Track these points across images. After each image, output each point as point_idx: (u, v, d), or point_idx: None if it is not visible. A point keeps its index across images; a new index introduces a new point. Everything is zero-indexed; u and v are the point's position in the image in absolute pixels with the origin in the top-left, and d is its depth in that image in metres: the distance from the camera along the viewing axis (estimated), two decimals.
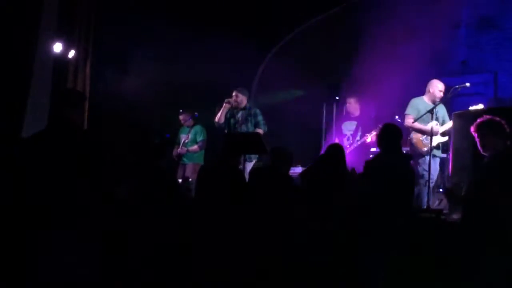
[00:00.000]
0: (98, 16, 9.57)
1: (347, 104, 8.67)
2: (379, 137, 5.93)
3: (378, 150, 8.55)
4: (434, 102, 7.65)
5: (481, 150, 4.93)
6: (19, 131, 7.81)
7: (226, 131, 8.25)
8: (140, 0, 9.99)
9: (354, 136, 8.37)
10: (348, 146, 8.32)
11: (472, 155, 5.45)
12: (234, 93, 8.29)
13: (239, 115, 8.24)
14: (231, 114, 8.29)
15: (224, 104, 8.23)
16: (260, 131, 8.14)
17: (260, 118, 8.24)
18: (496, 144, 4.83)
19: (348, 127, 8.49)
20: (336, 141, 8.53)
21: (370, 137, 8.16)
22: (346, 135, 8.48)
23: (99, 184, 4.13)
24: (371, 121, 8.40)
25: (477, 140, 4.96)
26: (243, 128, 8.14)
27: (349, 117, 8.63)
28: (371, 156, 8.26)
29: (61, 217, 3.84)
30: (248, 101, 8.37)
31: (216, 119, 8.26)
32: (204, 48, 10.34)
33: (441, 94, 7.68)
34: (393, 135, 5.72)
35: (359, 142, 8.27)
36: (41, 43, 8.55)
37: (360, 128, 8.31)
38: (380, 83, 10.41)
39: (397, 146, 5.73)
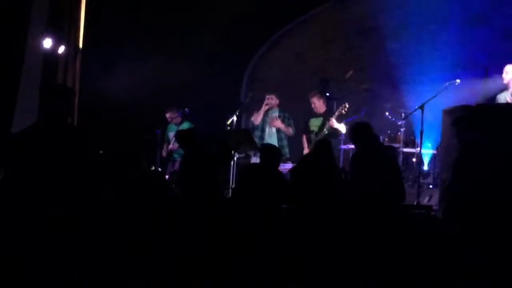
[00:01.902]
0: (88, 12, 9.51)
1: (311, 102, 8.70)
2: (351, 137, 6.05)
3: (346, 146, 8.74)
4: None
5: None
6: (8, 126, 7.77)
7: (256, 132, 8.73)
8: None
9: (320, 131, 8.43)
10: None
11: (462, 151, 5.48)
12: (268, 96, 8.79)
13: (273, 116, 8.77)
14: (265, 114, 8.77)
15: (263, 107, 8.72)
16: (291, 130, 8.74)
17: (291, 121, 8.81)
18: None
19: (315, 123, 8.56)
20: (304, 138, 8.61)
21: (334, 121, 8.23)
22: (313, 131, 8.54)
23: (87, 182, 4.11)
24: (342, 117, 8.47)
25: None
26: (273, 129, 8.70)
27: (314, 113, 8.67)
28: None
29: (50, 215, 3.82)
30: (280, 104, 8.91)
31: (253, 119, 8.79)
32: (195, 45, 10.32)
33: None
34: (362, 130, 5.80)
35: (323, 133, 8.31)
36: (31, 39, 8.49)
37: (327, 124, 8.37)
38: (370, 79, 10.45)
39: (372, 138, 5.80)
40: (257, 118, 8.70)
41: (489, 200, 5.11)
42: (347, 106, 8.30)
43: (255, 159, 8.19)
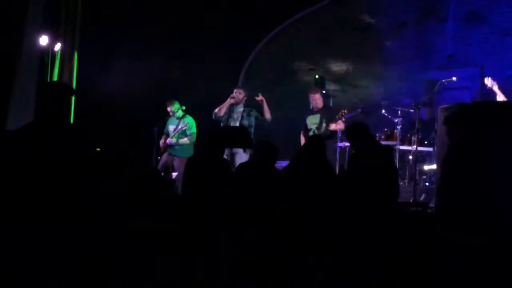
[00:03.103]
0: (85, 8, 9.51)
1: (310, 98, 8.61)
2: (347, 136, 6.04)
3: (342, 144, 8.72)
4: None
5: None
6: (3, 123, 7.76)
7: (222, 124, 8.41)
8: None
9: (318, 129, 8.38)
10: None
11: (458, 148, 5.49)
12: (237, 90, 8.50)
13: (239, 111, 8.44)
14: (230, 109, 8.45)
15: (228, 99, 8.41)
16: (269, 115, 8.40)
17: (257, 113, 8.48)
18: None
19: (313, 120, 8.48)
20: (302, 136, 8.54)
21: (334, 125, 8.20)
22: (311, 129, 8.47)
23: (87, 181, 4.10)
24: (336, 113, 8.42)
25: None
26: (237, 124, 8.31)
27: (312, 111, 8.61)
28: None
29: (49, 215, 3.81)
30: (247, 100, 8.56)
31: (217, 110, 8.42)
32: (191, 43, 10.32)
33: None
34: (359, 130, 5.80)
35: (326, 132, 8.28)
36: (27, 36, 8.49)
37: (323, 120, 8.32)
38: (367, 77, 10.46)
39: (368, 138, 5.81)
40: (221, 110, 8.38)
41: (480, 198, 5.12)
42: (346, 112, 8.20)
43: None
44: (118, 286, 4.25)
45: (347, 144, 8.75)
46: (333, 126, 8.19)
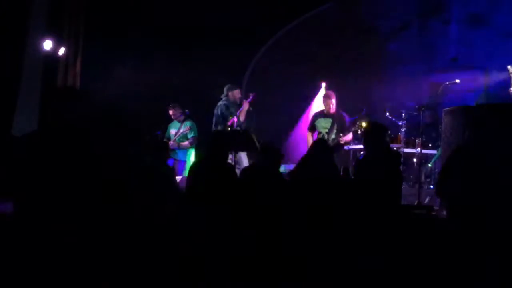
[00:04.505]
0: (88, 13, 9.53)
1: (325, 102, 8.54)
2: (365, 135, 5.99)
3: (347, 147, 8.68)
4: None
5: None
6: (9, 129, 7.77)
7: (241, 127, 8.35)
8: None
9: (329, 134, 8.32)
10: None
11: (462, 150, 5.48)
12: (240, 90, 8.62)
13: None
14: (232, 110, 8.45)
15: (246, 105, 8.36)
16: None
17: None
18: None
19: (323, 124, 8.41)
20: (310, 135, 8.47)
21: (344, 139, 8.16)
22: (320, 132, 8.41)
23: (94, 184, 4.11)
24: (346, 119, 8.39)
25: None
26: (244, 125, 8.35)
27: (322, 113, 8.55)
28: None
29: (56, 219, 3.82)
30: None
31: (242, 119, 8.33)
32: (195, 46, 10.33)
33: None
34: (379, 133, 5.77)
35: (336, 141, 8.22)
36: (31, 40, 8.51)
37: (335, 126, 8.25)
38: (371, 79, 10.45)
39: (384, 143, 5.78)
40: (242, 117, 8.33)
41: (476, 200, 5.09)
42: (359, 126, 8.12)
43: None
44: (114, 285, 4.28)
45: (352, 147, 8.75)
46: (344, 138, 8.12)
